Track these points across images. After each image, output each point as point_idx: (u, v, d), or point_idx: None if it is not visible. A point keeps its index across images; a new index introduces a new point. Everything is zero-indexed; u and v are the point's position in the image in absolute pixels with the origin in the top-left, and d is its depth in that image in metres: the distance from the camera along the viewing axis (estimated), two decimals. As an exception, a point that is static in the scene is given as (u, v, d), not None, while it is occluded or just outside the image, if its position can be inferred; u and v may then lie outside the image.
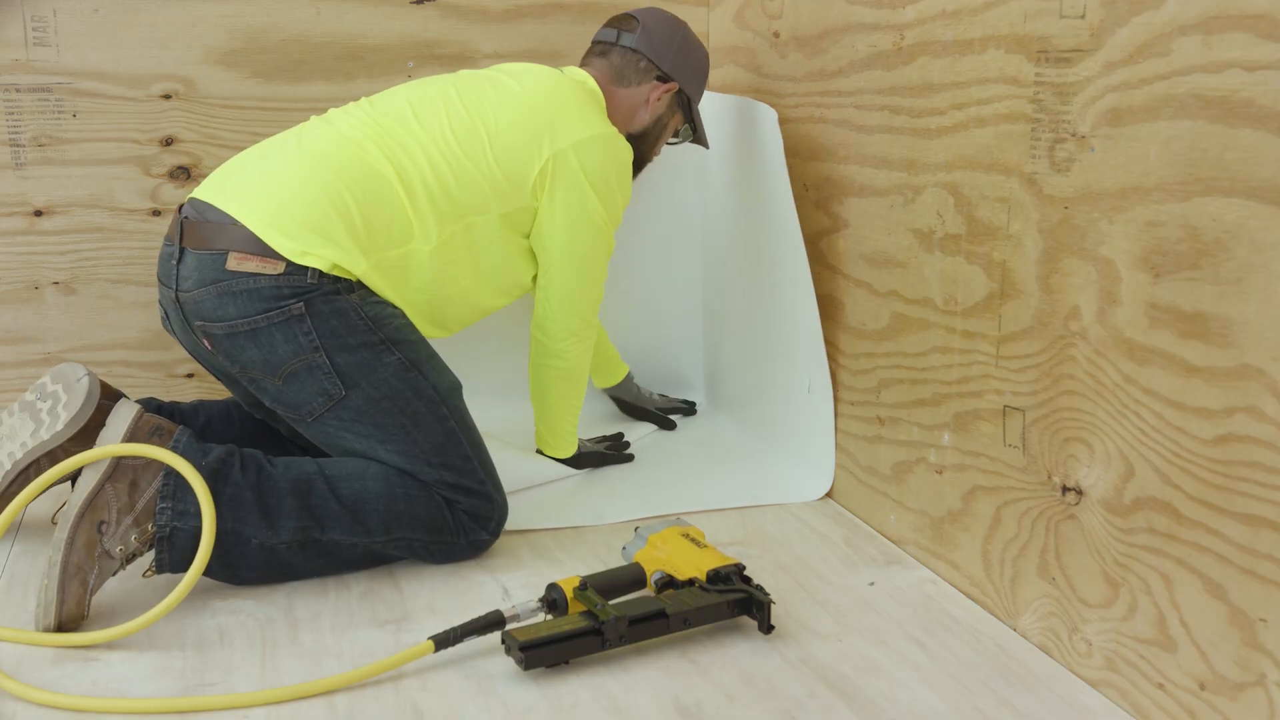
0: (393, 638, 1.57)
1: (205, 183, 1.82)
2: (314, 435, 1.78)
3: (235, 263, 1.69)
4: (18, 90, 2.17)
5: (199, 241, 1.72)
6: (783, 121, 2.16)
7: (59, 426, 1.77)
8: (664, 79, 2.07)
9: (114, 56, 2.20)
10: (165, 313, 1.82)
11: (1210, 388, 1.25)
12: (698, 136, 2.19)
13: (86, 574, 1.57)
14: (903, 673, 1.49)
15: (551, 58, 2.43)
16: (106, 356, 2.29)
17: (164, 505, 1.62)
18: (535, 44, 2.42)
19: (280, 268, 1.69)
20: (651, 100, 2.07)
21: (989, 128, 1.58)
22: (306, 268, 1.70)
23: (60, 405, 1.79)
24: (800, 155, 2.13)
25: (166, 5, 2.21)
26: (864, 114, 1.90)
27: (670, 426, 2.45)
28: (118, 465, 1.61)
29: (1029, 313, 1.53)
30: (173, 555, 1.62)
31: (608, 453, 2.24)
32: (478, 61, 2.40)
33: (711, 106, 2.44)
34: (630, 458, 2.27)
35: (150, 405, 1.90)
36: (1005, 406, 1.59)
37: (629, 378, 2.47)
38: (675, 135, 2.18)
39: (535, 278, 2.00)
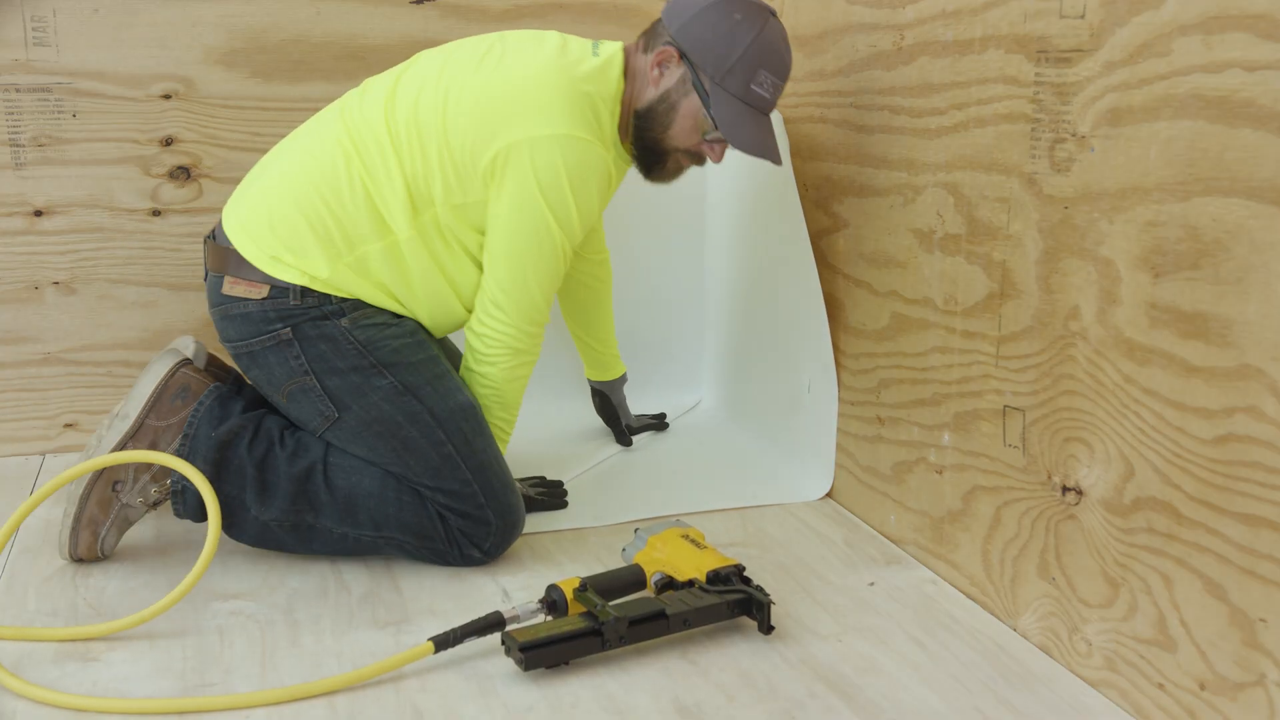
0: (393, 639, 1.57)
1: (234, 196, 1.85)
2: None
3: (228, 286, 1.75)
4: (18, 90, 2.17)
5: (212, 265, 1.79)
6: (783, 122, 2.16)
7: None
8: (671, 44, 1.78)
9: (114, 56, 2.20)
10: None
11: (1210, 388, 1.25)
12: (727, 131, 1.78)
13: (98, 525, 1.74)
14: (903, 673, 1.49)
15: (551, 58, 2.43)
16: (106, 356, 2.29)
17: None
18: (535, 44, 2.41)
19: (264, 291, 1.73)
20: (650, 69, 1.80)
21: (989, 128, 1.58)
22: (288, 289, 1.72)
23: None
24: (800, 155, 2.13)
25: (166, 5, 2.21)
26: (864, 114, 1.90)
27: (627, 444, 2.33)
28: (141, 425, 1.74)
29: (1029, 313, 1.53)
30: (186, 507, 1.74)
31: (536, 497, 2.01)
32: (478, 61, 2.40)
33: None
34: (563, 504, 2.03)
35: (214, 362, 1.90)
36: (1005, 406, 1.59)
37: (622, 379, 2.34)
38: (705, 134, 1.83)
39: None
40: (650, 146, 1.85)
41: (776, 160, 1.82)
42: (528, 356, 1.83)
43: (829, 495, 2.09)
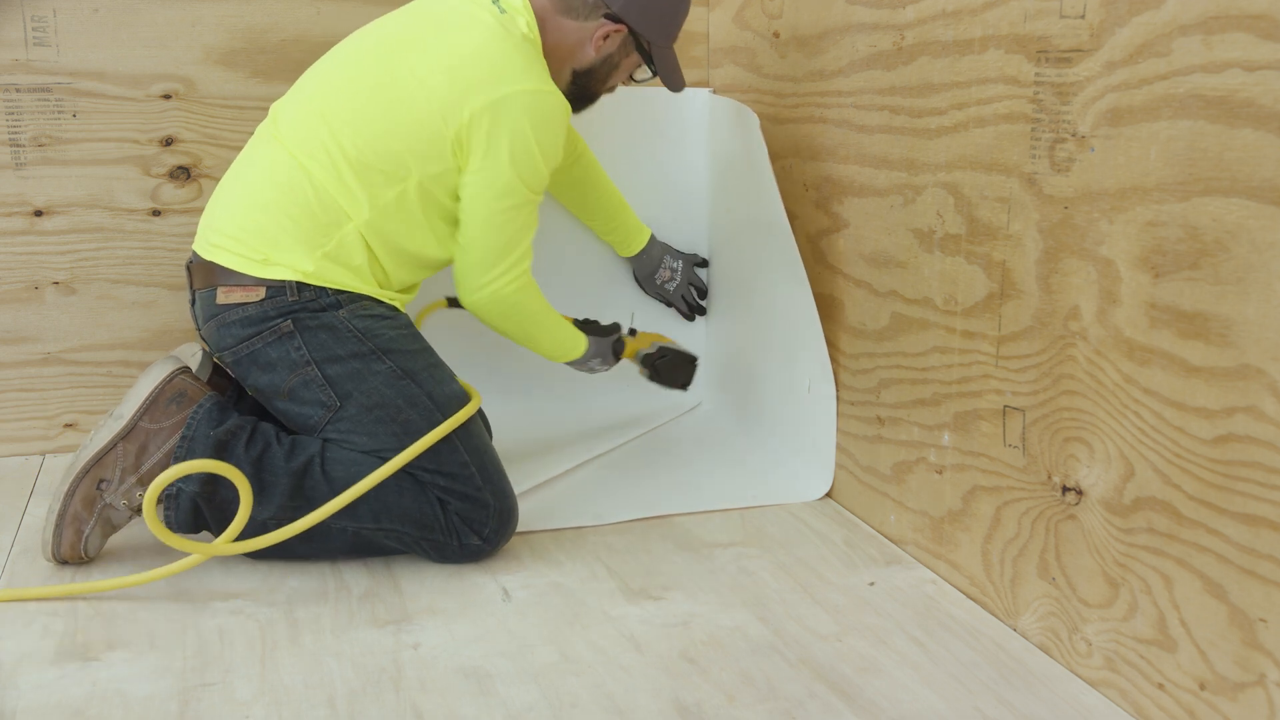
0: (392, 638, 1.58)
1: (198, 228, 1.90)
2: None
3: (223, 296, 1.78)
4: (18, 90, 2.17)
5: (200, 282, 1.82)
6: (783, 121, 2.16)
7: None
8: (613, 19, 1.91)
9: (114, 56, 2.20)
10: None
11: (1210, 388, 1.25)
12: (666, 80, 2.02)
13: (82, 524, 1.73)
14: (903, 673, 1.49)
15: (551, 58, 2.43)
16: (106, 356, 2.29)
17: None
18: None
19: (260, 293, 1.76)
20: (596, 39, 1.92)
21: (989, 128, 1.58)
22: (284, 286, 1.76)
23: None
24: (800, 155, 2.13)
25: (166, 5, 2.21)
26: (864, 114, 1.90)
27: (690, 318, 2.48)
28: (134, 427, 1.74)
29: (1029, 313, 1.53)
30: (177, 515, 1.73)
31: (613, 329, 2.20)
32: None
33: (706, 108, 2.44)
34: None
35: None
36: (1005, 406, 1.59)
37: (652, 242, 2.42)
38: (636, 77, 2.05)
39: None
40: (587, 96, 2.02)
41: (683, 85, 2.05)
42: (526, 294, 1.92)
43: (829, 495, 2.09)
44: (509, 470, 1.91)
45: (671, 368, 2.23)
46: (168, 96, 2.24)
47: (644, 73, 2.04)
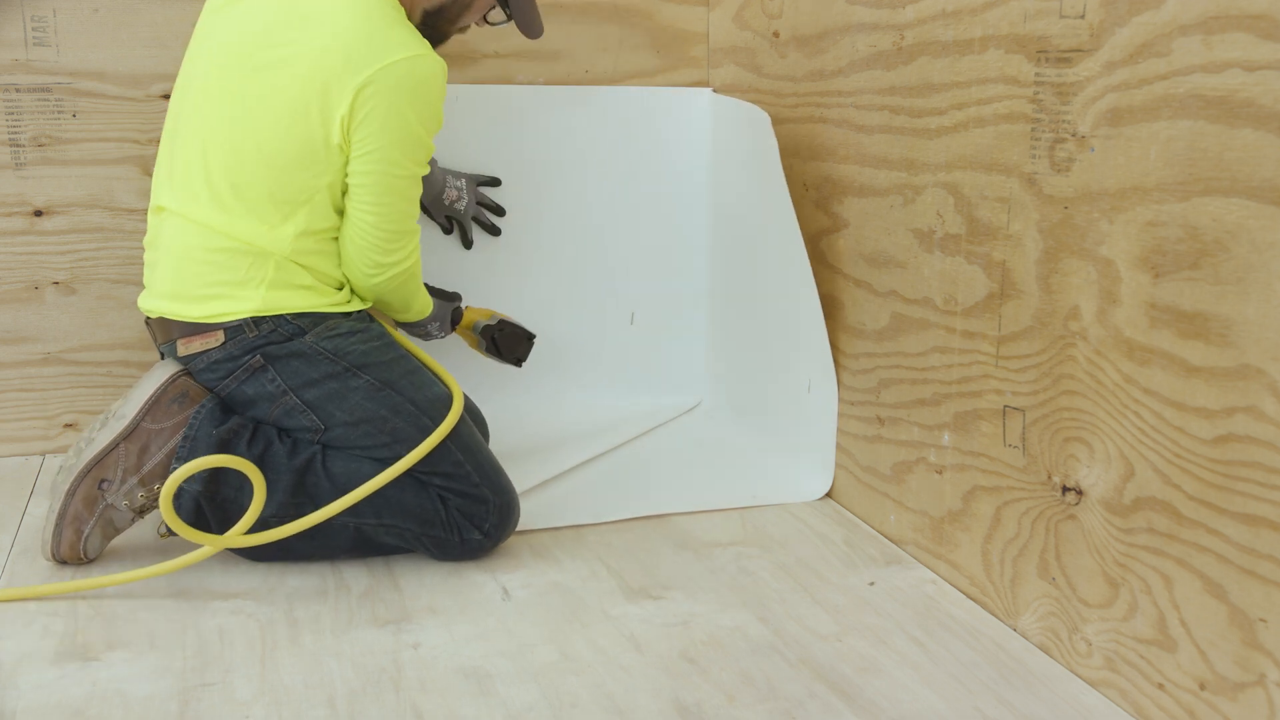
0: (392, 638, 1.58)
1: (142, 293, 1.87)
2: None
3: (183, 348, 1.78)
4: (18, 90, 2.17)
5: (160, 338, 1.82)
6: (783, 121, 2.16)
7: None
8: None
9: (114, 56, 2.20)
10: None
11: (1210, 388, 1.25)
12: (522, 25, 1.95)
13: (82, 524, 1.73)
14: (903, 673, 1.49)
15: (551, 58, 2.43)
16: (106, 356, 2.29)
17: (176, 466, 1.72)
18: (535, 44, 2.41)
19: (220, 337, 1.75)
20: None
21: (989, 128, 1.58)
22: (240, 324, 1.74)
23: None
24: (800, 155, 2.13)
25: (166, 5, 2.21)
26: (864, 114, 1.90)
27: (467, 244, 2.38)
28: (136, 427, 1.73)
29: (1029, 313, 1.53)
30: (179, 514, 1.71)
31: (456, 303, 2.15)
32: (478, 63, 2.40)
33: (708, 108, 2.44)
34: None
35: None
36: (1005, 406, 1.59)
37: (431, 166, 2.27)
38: (490, 20, 1.96)
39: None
40: (437, 36, 1.91)
41: (540, 33, 1.97)
42: (418, 266, 1.88)
43: (829, 495, 2.09)
44: (509, 470, 1.91)
45: (510, 341, 2.19)
46: (168, 96, 2.24)
47: (498, 15, 1.95)
